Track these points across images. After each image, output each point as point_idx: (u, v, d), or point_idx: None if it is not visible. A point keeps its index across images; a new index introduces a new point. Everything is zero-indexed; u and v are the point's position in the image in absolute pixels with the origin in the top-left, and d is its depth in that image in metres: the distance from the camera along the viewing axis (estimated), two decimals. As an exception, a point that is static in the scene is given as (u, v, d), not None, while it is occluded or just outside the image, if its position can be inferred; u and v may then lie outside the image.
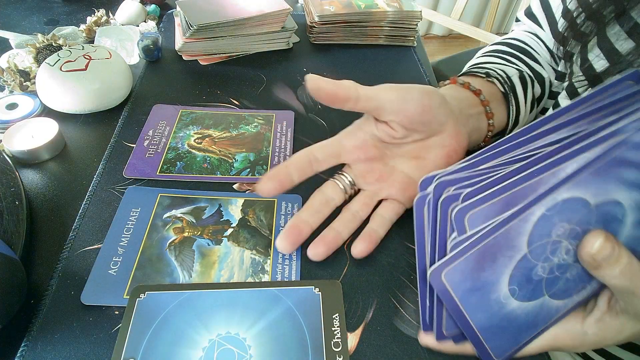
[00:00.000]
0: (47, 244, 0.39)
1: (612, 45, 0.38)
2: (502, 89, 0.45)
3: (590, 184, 0.26)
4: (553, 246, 0.27)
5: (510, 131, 0.47)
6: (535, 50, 0.53)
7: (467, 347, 0.31)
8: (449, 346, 0.31)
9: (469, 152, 0.35)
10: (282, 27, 0.65)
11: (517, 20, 0.58)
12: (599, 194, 0.26)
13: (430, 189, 0.27)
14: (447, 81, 0.46)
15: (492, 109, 0.44)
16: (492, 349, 0.29)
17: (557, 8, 0.48)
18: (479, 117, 0.43)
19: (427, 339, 0.31)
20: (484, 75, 0.46)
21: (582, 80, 0.41)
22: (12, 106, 0.51)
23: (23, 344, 0.32)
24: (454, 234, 0.26)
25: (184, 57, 0.63)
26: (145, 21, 0.72)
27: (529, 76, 0.49)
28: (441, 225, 0.26)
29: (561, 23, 0.45)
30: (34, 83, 0.54)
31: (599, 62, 0.39)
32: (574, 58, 0.43)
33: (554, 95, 0.48)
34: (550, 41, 0.50)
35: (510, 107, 0.45)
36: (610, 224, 0.28)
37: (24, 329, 0.33)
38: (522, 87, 0.47)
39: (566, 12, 0.43)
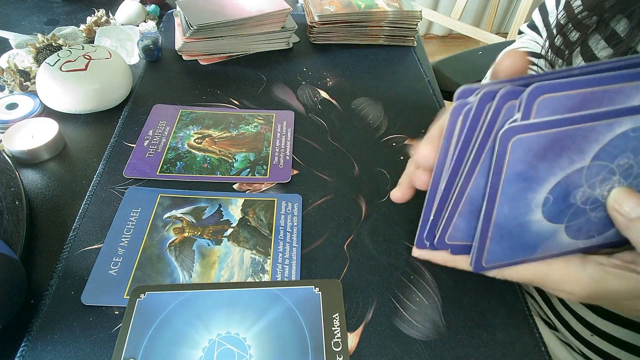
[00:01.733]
0: (47, 244, 0.39)
1: (593, 52, 0.40)
2: None
3: None
4: (608, 174, 0.27)
5: None
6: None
7: (459, 260, 0.30)
8: (442, 256, 0.31)
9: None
10: (282, 27, 0.65)
11: (520, 32, 0.63)
12: None
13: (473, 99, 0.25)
14: None
15: None
16: (490, 252, 0.28)
17: (554, 21, 0.50)
18: None
19: (419, 251, 0.31)
20: None
21: None
22: (12, 106, 0.51)
23: (23, 344, 0.32)
24: (516, 115, 0.24)
25: (184, 57, 0.63)
26: (145, 21, 0.72)
27: None
28: (483, 138, 0.25)
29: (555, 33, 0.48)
30: (34, 83, 0.54)
31: None
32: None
33: None
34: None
35: None
36: None
37: (24, 329, 0.33)
38: None
39: (557, 24, 0.45)
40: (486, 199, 0.26)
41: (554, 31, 0.47)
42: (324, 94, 0.59)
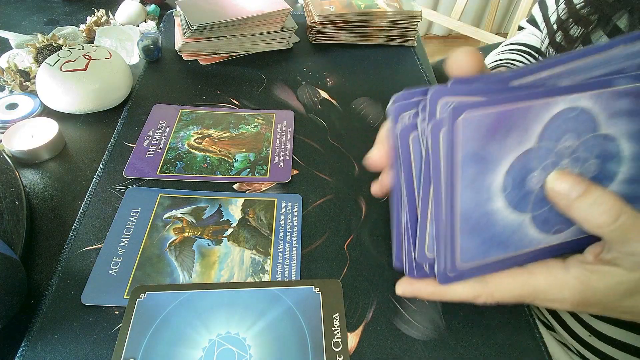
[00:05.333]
0: (47, 244, 0.39)
1: None
2: None
3: (606, 107, 0.27)
4: (556, 158, 0.27)
5: None
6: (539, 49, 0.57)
7: (448, 291, 0.29)
8: (428, 289, 0.29)
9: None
10: (282, 27, 0.65)
11: (520, 28, 0.64)
12: (609, 125, 0.27)
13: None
14: None
15: None
16: (463, 249, 0.27)
17: (553, 16, 0.51)
18: None
19: (403, 286, 0.30)
20: None
21: None
22: (12, 106, 0.51)
23: (23, 344, 0.32)
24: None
25: (184, 57, 0.63)
26: (145, 21, 0.72)
27: None
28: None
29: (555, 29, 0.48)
30: (34, 83, 0.54)
31: None
32: None
33: None
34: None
35: None
36: (606, 168, 0.28)
37: (24, 329, 0.33)
38: None
39: (558, 19, 0.46)
40: (445, 185, 0.26)
41: (554, 27, 0.47)
42: (324, 94, 0.59)
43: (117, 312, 0.34)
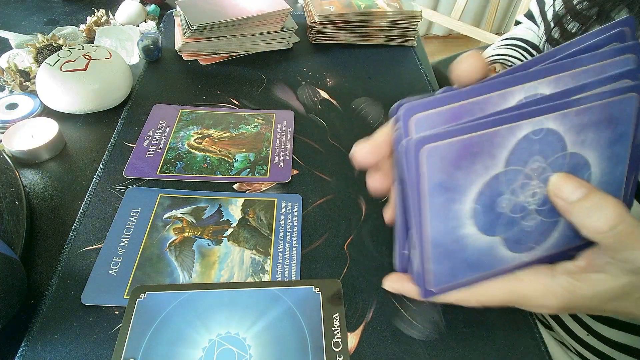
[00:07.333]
0: (47, 244, 0.39)
1: None
2: None
3: (573, 125, 0.27)
4: (525, 180, 0.27)
5: None
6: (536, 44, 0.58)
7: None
8: (411, 288, 0.30)
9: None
10: (282, 27, 0.65)
11: (517, 22, 0.64)
12: (577, 142, 0.27)
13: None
14: None
15: None
16: (435, 274, 0.28)
17: (549, 11, 0.51)
18: None
19: (391, 282, 0.31)
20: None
21: None
22: (12, 106, 0.51)
23: (23, 344, 0.32)
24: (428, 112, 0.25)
25: (184, 57, 0.63)
26: (145, 21, 0.72)
27: None
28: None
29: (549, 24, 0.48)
30: (34, 83, 0.54)
31: None
32: None
33: None
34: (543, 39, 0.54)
35: None
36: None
37: (24, 329, 0.33)
38: None
39: (555, 15, 0.45)
40: (415, 215, 0.26)
41: (551, 23, 0.47)
42: (324, 94, 0.59)
43: (117, 312, 0.34)
